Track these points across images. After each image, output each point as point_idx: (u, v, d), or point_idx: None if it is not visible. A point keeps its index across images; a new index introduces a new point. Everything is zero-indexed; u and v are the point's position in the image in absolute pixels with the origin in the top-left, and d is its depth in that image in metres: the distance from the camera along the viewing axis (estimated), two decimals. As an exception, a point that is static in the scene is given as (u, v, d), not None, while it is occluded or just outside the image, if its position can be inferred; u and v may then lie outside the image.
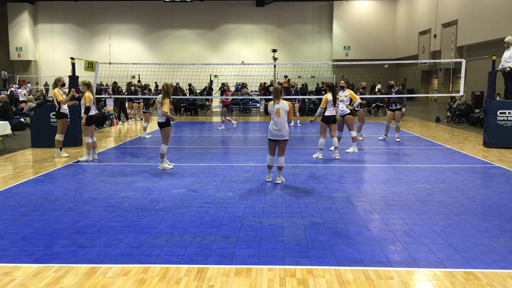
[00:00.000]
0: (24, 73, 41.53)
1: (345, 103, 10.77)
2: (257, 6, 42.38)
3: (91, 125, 9.68)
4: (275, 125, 7.43)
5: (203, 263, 4.31)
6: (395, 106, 12.51)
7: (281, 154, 7.56)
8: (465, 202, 6.42)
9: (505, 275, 4.07)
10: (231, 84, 30.34)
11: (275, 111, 7.43)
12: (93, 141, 9.73)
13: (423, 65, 33.59)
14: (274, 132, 7.44)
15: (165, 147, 8.76)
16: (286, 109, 7.45)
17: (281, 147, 7.53)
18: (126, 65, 18.31)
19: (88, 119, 9.59)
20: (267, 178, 7.75)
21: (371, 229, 5.28)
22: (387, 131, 12.90)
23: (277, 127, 7.41)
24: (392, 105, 12.60)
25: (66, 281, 3.97)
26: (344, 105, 10.73)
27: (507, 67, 11.75)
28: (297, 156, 10.37)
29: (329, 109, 9.82)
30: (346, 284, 3.90)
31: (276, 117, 7.43)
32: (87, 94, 9.56)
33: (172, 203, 6.39)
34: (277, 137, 7.44)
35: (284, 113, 7.43)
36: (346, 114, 10.76)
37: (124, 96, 18.14)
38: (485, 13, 24.35)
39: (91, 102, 9.57)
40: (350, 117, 10.74)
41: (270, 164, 7.72)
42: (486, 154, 10.58)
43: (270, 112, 7.55)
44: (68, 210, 6.02)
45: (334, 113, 9.89)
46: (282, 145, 7.52)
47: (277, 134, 7.43)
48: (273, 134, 7.45)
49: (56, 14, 42.95)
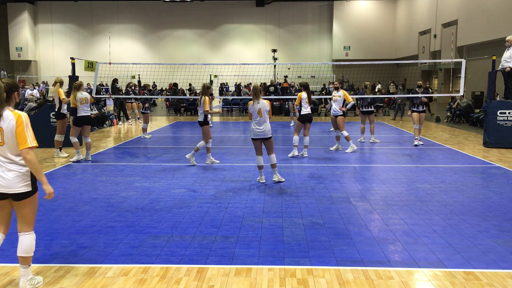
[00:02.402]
0: (24, 73, 41.52)
1: (339, 104, 10.82)
2: (257, 6, 42.36)
3: (81, 126, 9.56)
4: (258, 124, 7.51)
5: (203, 263, 4.31)
6: (422, 108, 11.68)
7: (271, 152, 7.65)
8: (465, 202, 6.42)
9: (505, 275, 4.07)
10: (231, 84, 30.34)
11: (257, 111, 7.49)
12: (87, 142, 9.65)
13: (423, 65, 33.57)
14: (257, 132, 7.51)
15: (203, 143, 9.05)
16: (267, 109, 7.56)
17: (268, 146, 7.61)
18: (126, 65, 18.30)
19: (79, 119, 9.48)
20: (260, 179, 7.71)
21: (371, 229, 5.28)
22: (417, 134, 11.92)
23: (260, 127, 7.49)
24: (419, 106, 11.67)
25: (66, 281, 3.97)
26: (337, 107, 10.80)
27: (507, 67, 11.76)
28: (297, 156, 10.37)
29: (305, 108, 9.90)
30: (346, 284, 3.90)
31: (258, 117, 7.49)
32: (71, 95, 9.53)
33: (172, 203, 6.39)
34: (260, 136, 7.52)
35: (266, 113, 7.53)
36: (339, 115, 10.80)
37: (123, 96, 18.16)
38: (485, 13, 24.34)
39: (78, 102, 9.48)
40: (342, 118, 10.82)
41: (260, 165, 7.72)
42: (486, 154, 10.57)
43: (252, 113, 7.57)
44: (68, 210, 6.02)
45: (309, 111, 9.98)
46: (268, 144, 7.59)
47: (260, 133, 7.51)
48: (256, 134, 7.52)
49: (56, 14, 42.93)
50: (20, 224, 3.76)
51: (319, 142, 12.79)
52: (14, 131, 3.58)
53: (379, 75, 31.12)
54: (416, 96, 11.75)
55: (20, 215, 3.73)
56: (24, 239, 3.73)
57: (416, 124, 11.82)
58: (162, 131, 16.07)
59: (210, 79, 25.36)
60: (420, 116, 11.71)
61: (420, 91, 11.82)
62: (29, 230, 3.76)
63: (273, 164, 7.70)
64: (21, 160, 3.64)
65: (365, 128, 12.64)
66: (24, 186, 3.64)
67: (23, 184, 3.64)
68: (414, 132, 12.13)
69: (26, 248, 3.72)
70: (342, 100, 10.83)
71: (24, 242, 3.73)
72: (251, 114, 7.60)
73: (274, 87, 24.25)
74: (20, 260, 3.75)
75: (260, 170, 7.76)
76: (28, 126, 3.61)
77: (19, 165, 3.63)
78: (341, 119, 10.81)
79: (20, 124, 3.58)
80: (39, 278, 3.91)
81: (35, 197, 3.76)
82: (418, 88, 11.93)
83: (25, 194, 3.66)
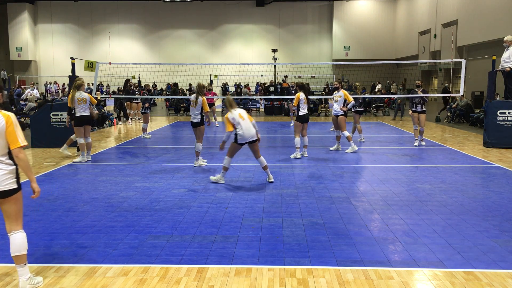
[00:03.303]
0: (24, 73, 41.52)
1: (339, 104, 10.82)
2: (257, 6, 42.37)
3: (82, 126, 9.45)
4: (245, 126, 7.41)
5: (203, 263, 4.31)
6: (420, 108, 11.58)
7: (259, 155, 7.62)
8: (465, 202, 6.42)
9: (505, 275, 4.07)
10: (231, 84, 30.33)
11: (238, 115, 7.44)
12: (87, 142, 9.59)
13: (423, 65, 33.57)
14: (248, 136, 7.39)
15: (200, 145, 9.05)
16: (244, 112, 7.61)
17: (255, 149, 7.59)
18: (126, 65, 18.28)
19: (78, 119, 9.40)
20: (222, 180, 7.62)
21: (371, 229, 5.28)
22: (417, 135, 11.87)
23: (247, 131, 7.40)
24: (418, 106, 11.60)
25: (66, 281, 3.97)
26: (339, 106, 10.81)
27: (506, 67, 11.76)
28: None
29: (303, 109, 9.91)
30: (346, 284, 3.90)
31: (241, 120, 7.42)
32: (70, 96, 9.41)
33: (172, 203, 6.39)
34: (250, 138, 7.43)
35: (246, 115, 7.53)
36: (340, 114, 10.80)
37: (123, 96, 18.13)
38: (485, 13, 24.34)
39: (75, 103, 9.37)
40: (343, 117, 10.81)
41: (228, 166, 7.65)
42: (486, 154, 10.57)
43: (234, 123, 7.44)
44: (68, 210, 6.02)
45: (307, 111, 10.00)
46: (255, 147, 7.58)
47: (249, 136, 7.41)
48: (245, 138, 7.39)
49: (56, 14, 42.93)
50: (9, 224, 3.79)
51: (319, 142, 12.79)
52: (4, 131, 3.64)
53: (379, 75, 31.12)
54: (415, 96, 11.72)
55: (7, 213, 3.77)
56: (15, 238, 3.76)
57: (415, 125, 11.78)
58: (162, 131, 16.06)
59: (210, 79, 25.36)
60: (420, 116, 11.58)
61: (419, 90, 11.75)
62: (18, 228, 3.80)
63: (265, 166, 7.67)
64: (7, 159, 3.71)
65: (356, 128, 12.65)
66: (10, 183, 3.71)
67: (10, 181, 3.70)
68: (414, 132, 12.11)
69: (19, 246, 3.74)
70: (343, 100, 10.83)
71: (16, 241, 3.75)
72: (231, 123, 7.45)
73: (274, 87, 24.26)
74: (15, 260, 3.77)
75: (226, 171, 7.67)
76: (17, 125, 3.70)
77: (5, 164, 3.70)
78: (342, 119, 10.81)
79: (10, 125, 3.65)
80: (39, 278, 3.91)
81: (20, 194, 3.82)
82: (417, 87, 11.88)
83: (12, 191, 3.72)
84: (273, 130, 16.10)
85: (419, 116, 11.62)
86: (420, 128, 11.72)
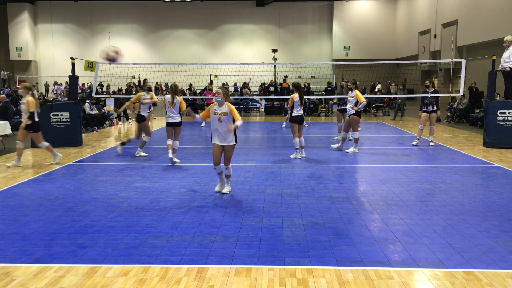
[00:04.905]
0: (24, 73, 41.51)
1: (351, 104, 10.81)
2: (257, 6, 42.35)
3: (39, 131, 9.13)
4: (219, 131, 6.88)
5: (203, 263, 4.31)
6: (432, 108, 11.64)
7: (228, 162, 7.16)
8: (465, 202, 6.42)
9: (505, 275, 4.07)
10: (231, 84, 30.33)
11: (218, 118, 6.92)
12: (47, 146, 9.14)
13: (423, 65, 33.58)
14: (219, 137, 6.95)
15: (177, 142, 9.66)
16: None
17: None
18: (126, 65, 18.28)
19: (34, 125, 8.99)
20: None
21: (371, 229, 5.28)
22: (420, 135, 12.01)
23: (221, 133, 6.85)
24: (429, 106, 11.65)
25: (66, 281, 3.97)
26: (350, 106, 10.80)
27: (506, 67, 11.76)
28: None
29: (296, 110, 9.88)
30: (346, 284, 3.90)
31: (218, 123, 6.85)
32: (29, 98, 8.91)
33: (172, 203, 6.39)
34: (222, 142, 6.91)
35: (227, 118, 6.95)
36: (352, 114, 10.78)
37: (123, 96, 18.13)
38: (485, 13, 24.34)
39: (35, 107, 8.96)
40: (355, 117, 10.74)
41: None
42: (486, 154, 10.57)
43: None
44: (68, 210, 6.02)
45: (301, 113, 9.97)
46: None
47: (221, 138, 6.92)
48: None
49: (56, 14, 42.91)
50: None
51: (319, 142, 12.79)
52: None
53: (379, 75, 31.14)
54: (426, 96, 11.72)
55: None
56: None
57: (422, 125, 11.81)
58: (162, 131, 16.06)
59: (210, 79, 25.36)
60: (431, 116, 11.68)
61: (430, 90, 11.73)
62: None
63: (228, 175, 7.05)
64: None
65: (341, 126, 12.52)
66: None
67: None
68: (418, 132, 12.08)
69: None
70: (354, 100, 10.78)
71: None
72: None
73: (274, 87, 24.26)
74: None
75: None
76: None
77: None
78: (354, 119, 10.73)
79: None
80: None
81: None
82: (427, 88, 11.84)
83: None
84: (273, 130, 16.10)
85: (430, 115, 11.69)
86: (430, 126, 11.80)
